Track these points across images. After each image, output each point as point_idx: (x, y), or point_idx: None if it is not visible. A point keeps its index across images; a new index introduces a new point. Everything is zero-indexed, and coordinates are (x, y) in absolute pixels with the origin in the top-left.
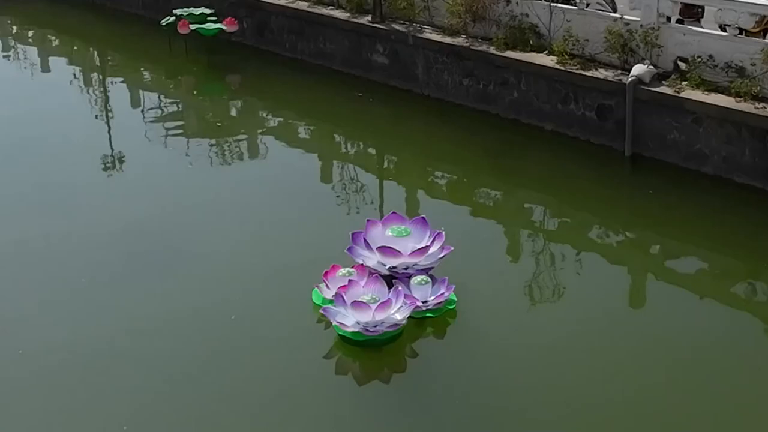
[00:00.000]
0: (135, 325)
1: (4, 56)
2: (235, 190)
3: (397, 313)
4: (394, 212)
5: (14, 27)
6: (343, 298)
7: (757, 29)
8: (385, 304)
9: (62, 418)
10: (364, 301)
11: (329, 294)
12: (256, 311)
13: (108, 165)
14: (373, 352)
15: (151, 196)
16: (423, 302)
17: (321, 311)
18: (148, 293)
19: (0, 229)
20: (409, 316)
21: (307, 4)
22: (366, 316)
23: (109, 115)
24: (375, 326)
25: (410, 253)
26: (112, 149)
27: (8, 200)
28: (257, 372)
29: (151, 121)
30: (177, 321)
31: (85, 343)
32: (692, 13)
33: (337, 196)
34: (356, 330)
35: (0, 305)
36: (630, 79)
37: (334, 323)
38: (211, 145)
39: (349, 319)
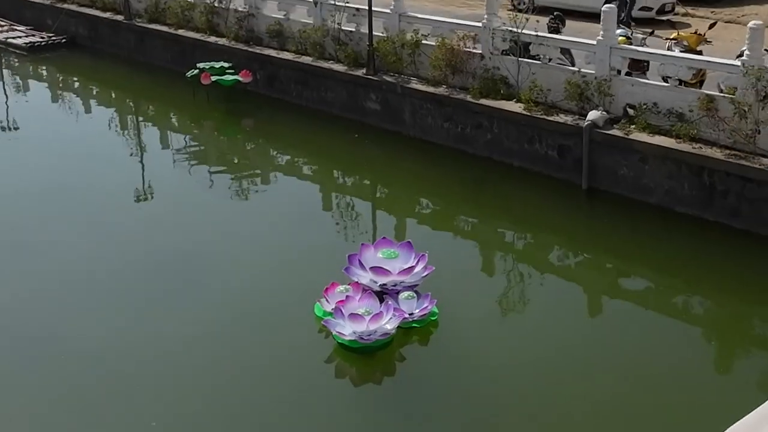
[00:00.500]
0: (162, 332)
1: (53, 102)
2: (249, 217)
3: (388, 323)
4: (384, 237)
5: (61, 78)
6: (341, 311)
7: (694, 80)
8: (377, 316)
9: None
10: (360, 313)
11: (329, 307)
12: (266, 322)
13: (140, 196)
14: (368, 358)
15: (176, 223)
16: (409, 314)
17: (322, 323)
18: (173, 306)
19: (43, 250)
20: (398, 327)
21: (310, 59)
22: (361, 327)
23: (142, 153)
24: (369, 335)
25: (398, 273)
26: (144, 182)
27: (53, 225)
28: (267, 373)
29: (178, 159)
30: (197, 330)
31: (112, 354)
32: (639, 67)
33: (336, 223)
34: (353, 338)
35: (42, 318)
36: (586, 123)
37: (333, 333)
38: (230, 179)
39: (346, 329)
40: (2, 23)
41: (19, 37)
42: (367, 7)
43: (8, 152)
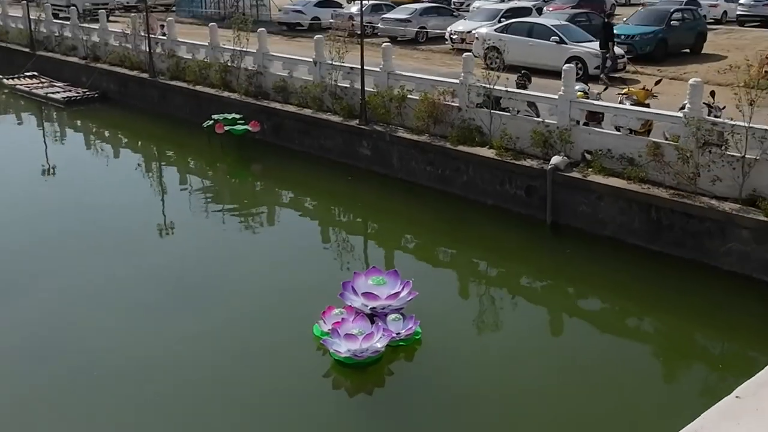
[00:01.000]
0: (173, 345)
1: (86, 149)
2: (256, 249)
3: (378, 342)
4: (374, 266)
5: (94, 128)
6: (337, 331)
7: (643, 130)
8: (369, 336)
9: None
10: (353, 333)
11: (326, 328)
12: (271, 340)
13: (162, 230)
14: (360, 372)
15: (193, 254)
16: (396, 334)
17: (321, 341)
18: (187, 324)
19: (78, 275)
20: (387, 345)
21: (311, 111)
22: (355, 345)
23: (164, 193)
24: (362, 352)
25: (386, 297)
26: (165, 218)
27: (87, 254)
28: (272, 385)
29: (195, 198)
30: (208, 346)
31: (132, 366)
32: (595, 118)
33: (332, 254)
34: (348, 355)
35: (75, 331)
36: (549, 167)
37: (330, 350)
38: (240, 216)
39: (342, 347)
40: (43, 80)
41: (58, 92)
42: (359, 66)
43: (47, 193)
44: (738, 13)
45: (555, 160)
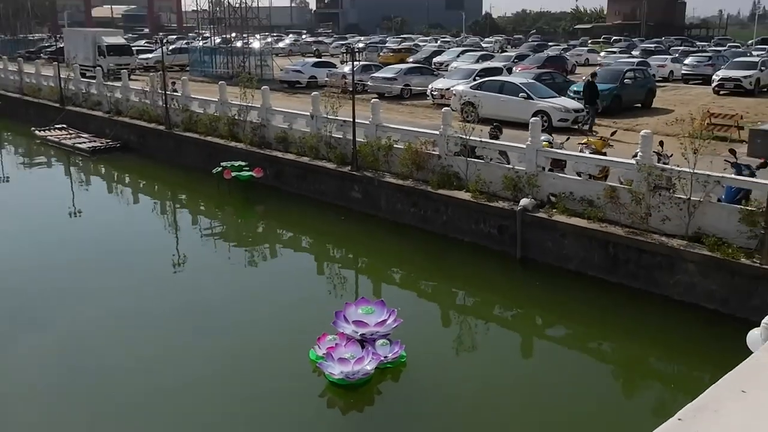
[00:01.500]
0: (183, 366)
1: (108, 193)
2: (259, 281)
3: (368, 365)
4: (363, 297)
5: (115, 174)
6: (331, 355)
7: (601, 175)
8: (360, 359)
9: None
10: (346, 357)
11: (321, 352)
12: (271, 364)
13: (175, 264)
14: (352, 392)
15: (202, 284)
16: (384, 357)
17: (317, 365)
18: (197, 348)
19: (99, 303)
20: (376, 367)
21: (308, 159)
22: (347, 368)
23: (177, 231)
24: (353, 374)
25: (374, 325)
26: (178, 253)
27: (107, 285)
28: (272, 404)
29: (205, 236)
30: (213, 366)
31: (141, 382)
32: (559, 165)
33: (326, 286)
34: (341, 377)
35: (96, 350)
36: (519, 208)
37: (325, 373)
38: (244, 251)
39: (335, 370)
40: (71, 132)
41: (84, 142)
42: (351, 119)
43: (73, 232)
44: (683, 72)
45: (524, 201)
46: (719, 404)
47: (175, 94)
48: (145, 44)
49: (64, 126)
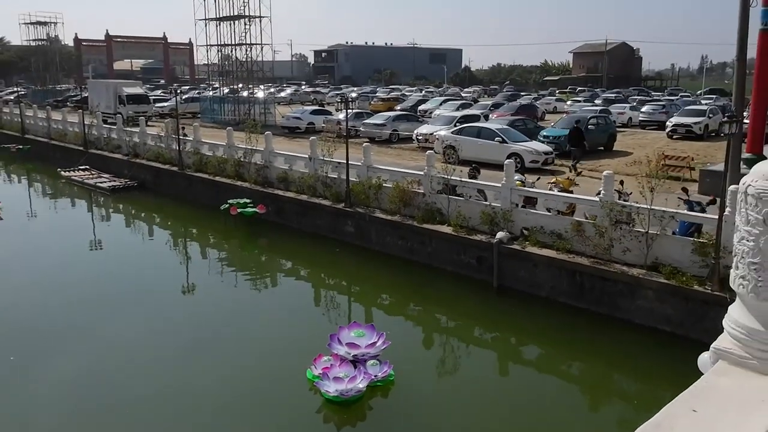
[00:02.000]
0: (193, 382)
1: (126, 227)
2: (261, 305)
3: (360, 383)
4: (355, 321)
5: (133, 211)
6: (326, 375)
7: (568, 211)
8: (353, 378)
9: None
10: (340, 376)
11: (317, 372)
12: (272, 382)
13: (185, 290)
14: (346, 408)
15: (210, 309)
16: (375, 376)
17: (314, 383)
18: (205, 366)
19: (116, 324)
20: (367, 385)
21: (306, 196)
22: (341, 386)
23: (188, 261)
24: (347, 392)
25: (365, 346)
26: (188, 281)
27: (126, 308)
28: (272, 420)
29: (213, 265)
30: (216, 384)
31: (150, 400)
32: (531, 201)
33: (322, 311)
34: (335, 394)
35: (119, 365)
36: (495, 240)
37: (321, 391)
38: (248, 279)
39: (330, 388)
40: (93, 172)
41: (105, 182)
42: (345, 161)
43: (94, 263)
44: (640, 119)
45: (500, 235)
46: (673, 422)
47: (186, 138)
48: (161, 94)
49: (87, 167)
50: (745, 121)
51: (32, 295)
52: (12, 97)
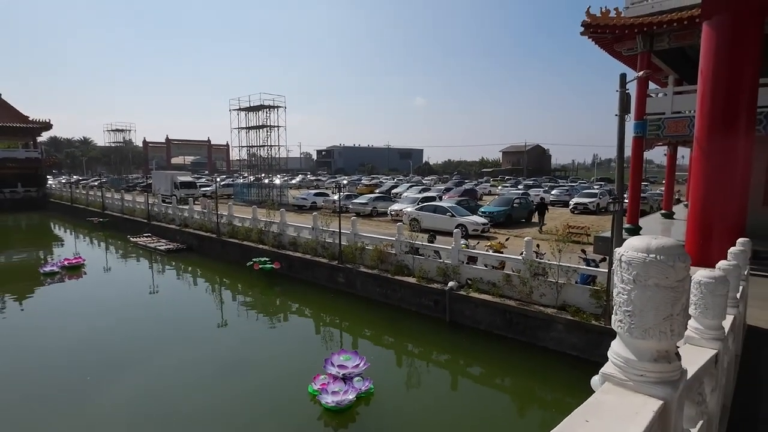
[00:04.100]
0: (221, 400)
1: (176, 278)
2: (275, 337)
3: (350, 395)
4: (343, 349)
5: (182, 266)
6: (324, 389)
7: (500, 266)
8: (345, 391)
9: None
10: (335, 390)
11: (316, 387)
12: (281, 396)
13: (220, 325)
14: (340, 414)
15: (237, 340)
16: (360, 389)
17: (315, 397)
18: (232, 386)
19: (169, 353)
20: (355, 396)
21: (310, 255)
22: (336, 398)
23: (222, 304)
24: (341, 402)
25: (352, 367)
26: (222, 318)
27: (175, 341)
28: (282, 426)
29: (240, 306)
30: (242, 400)
31: (178, 414)
32: (473, 260)
33: (319, 341)
34: (332, 404)
35: (167, 386)
36: (447, 288)
37: (321, 402)
38: (266, 317)
39: (328, 399)
40: (154, 238)
41: (162, 245)
42: (338, 230)
43: (153, 305)
44: (551, 199)
45: (450, 284)
46: (572, 430)
47: (222, 213)
48: (206, 180)
49: (149, 234)
50: (625, 201)
51: (106, 327)
52: (96, 183)
